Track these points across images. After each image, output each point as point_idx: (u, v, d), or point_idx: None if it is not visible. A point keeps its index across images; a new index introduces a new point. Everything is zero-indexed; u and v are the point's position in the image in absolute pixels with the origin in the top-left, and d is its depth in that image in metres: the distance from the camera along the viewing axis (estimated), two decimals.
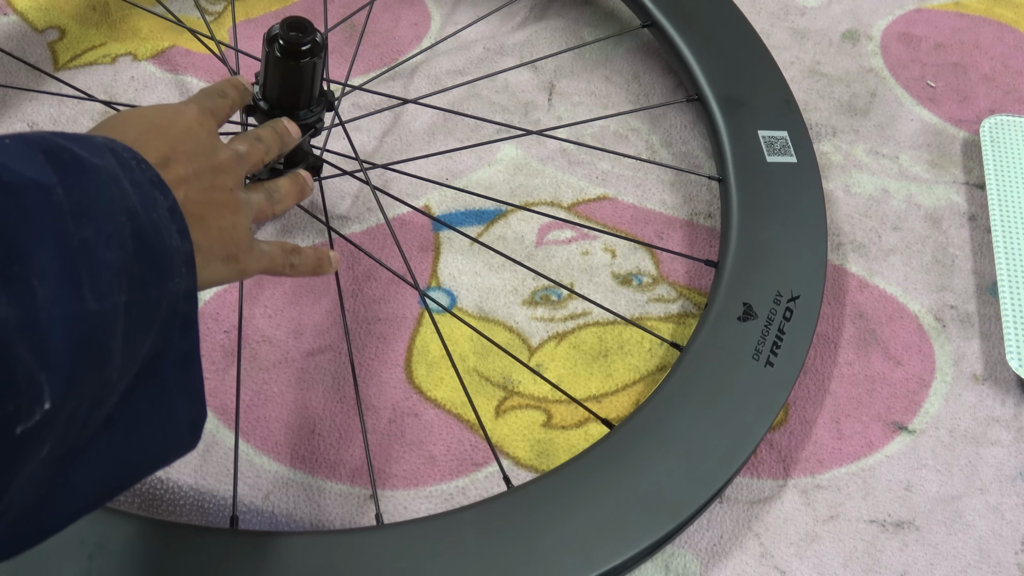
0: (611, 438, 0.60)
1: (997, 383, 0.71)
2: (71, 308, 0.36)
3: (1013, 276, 0.74)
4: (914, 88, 0.89)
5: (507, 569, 0.54)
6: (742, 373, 0.64)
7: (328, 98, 0.64)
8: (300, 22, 0.60)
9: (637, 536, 0.57)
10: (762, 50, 0.83)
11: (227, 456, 0.62)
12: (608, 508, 0.57)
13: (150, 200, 0.42)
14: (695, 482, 0.59)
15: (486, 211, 0.76)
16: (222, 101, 0.55)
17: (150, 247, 0.40)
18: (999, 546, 0.63)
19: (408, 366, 0.67)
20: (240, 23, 0.86)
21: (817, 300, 0.68)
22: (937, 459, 0.67)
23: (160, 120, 0.48)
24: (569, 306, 0.71)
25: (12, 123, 0.76)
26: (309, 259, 0.56)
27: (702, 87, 0.79)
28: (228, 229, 0.48)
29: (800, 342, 0.66)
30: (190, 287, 0.43)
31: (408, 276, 0.70)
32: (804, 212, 0.73)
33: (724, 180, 0.74)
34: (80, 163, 0.39)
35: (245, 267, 0.50)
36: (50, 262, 0.35)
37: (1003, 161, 0.81)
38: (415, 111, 0.81)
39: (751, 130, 0.77)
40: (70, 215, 0.37)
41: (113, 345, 0.38)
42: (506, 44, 0.87)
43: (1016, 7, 0.97)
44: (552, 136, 0.80)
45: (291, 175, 0.58)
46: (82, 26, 0.83)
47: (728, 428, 0.61)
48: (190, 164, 0.47)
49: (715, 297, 0.67)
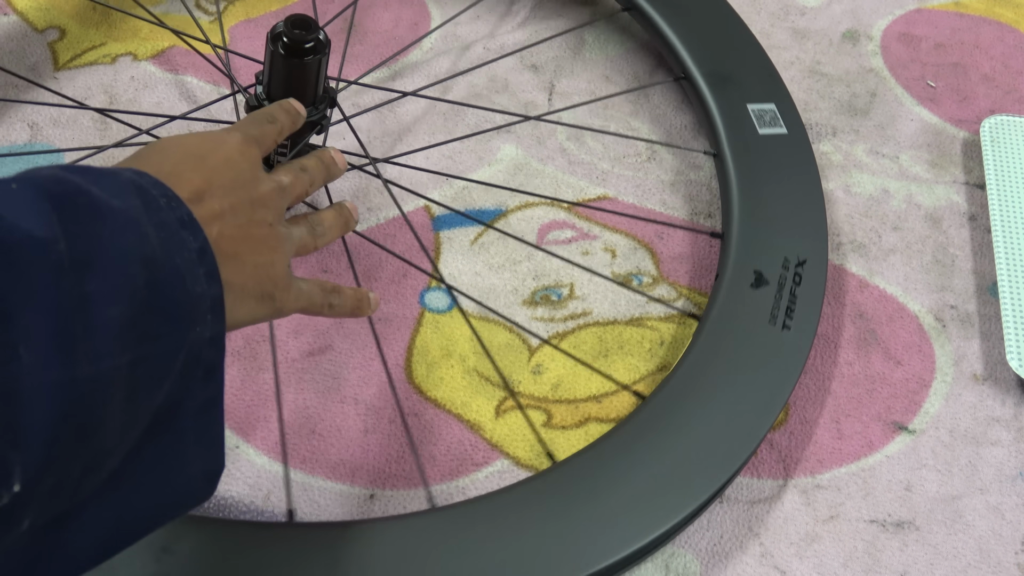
0: (645, 409, 0.62)
1: (997, 383, 0.71)
2: (58, 376, 0.33)
3: (1013, 276, 0.74)
4: (914, 88, 0.89)
5: (565, 541, 0.55)
6: (762, 337, 0.66)
7: (331, 94, 0.64)
8: (304, 20, 0.59)
9: (686, 499, 0.58)
10: (741, 26, 0.85)
11: (227, 456, 0.62)
12: (655, 475, 0.59)
13: (176, 243, 0.39)
14: (731, 443, 0.61)
15: (486, 211, 0.76)
16: (270, 128, 0.52)
17: (168, 296, 0.38)
18: (999, 546, 0.63)
19: (408, 366, 0.67)
20: (240, 23, 0.86)
21: (823, 263, 0.70)
22: (937, 459, 0.67)
23: (198, 150, 0.46)
24: (569, 306, 0.72)
25: (12, 123, 0.76)
26: (348, 300, 0.54)
27: (688, 66, 0.80)
28: (265, 266, 0.46)
29: (812, 304, 0.68)
30: (216, 333, 0.41)
31: (430, 271, 0.70)
32: (800, 180, 0.75)
33: (719, 154, 0.76)
34: (94, 208, 0.37)
35: (282, 306, 0.48)
36: (40, 325, 0.33)
37: (1003, 161, 0.81)
38: (415, 113, 0.81)
39: (740, 104, 0.78)
40: (72, 270, 0.35)
41: (108, 410, 0.36)
42: (506, 44, 0.87)
43: (1016, 7, 0.97)
44: (550, 121, 0.80)
45: (336, 207, 0.56)
46: (82, 26, 0.83)
47: (755, 391, 0.63)
48: (227, 198, 0.45)
49: (725, 267, 0.69)
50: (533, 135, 0.81)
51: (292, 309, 0.49)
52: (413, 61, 0.85)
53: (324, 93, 0.63)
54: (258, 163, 0.49)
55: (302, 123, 0.56)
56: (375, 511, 0.61)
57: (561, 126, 0.82)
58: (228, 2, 0.88)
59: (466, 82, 0.84)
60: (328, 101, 0.64)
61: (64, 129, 0.77)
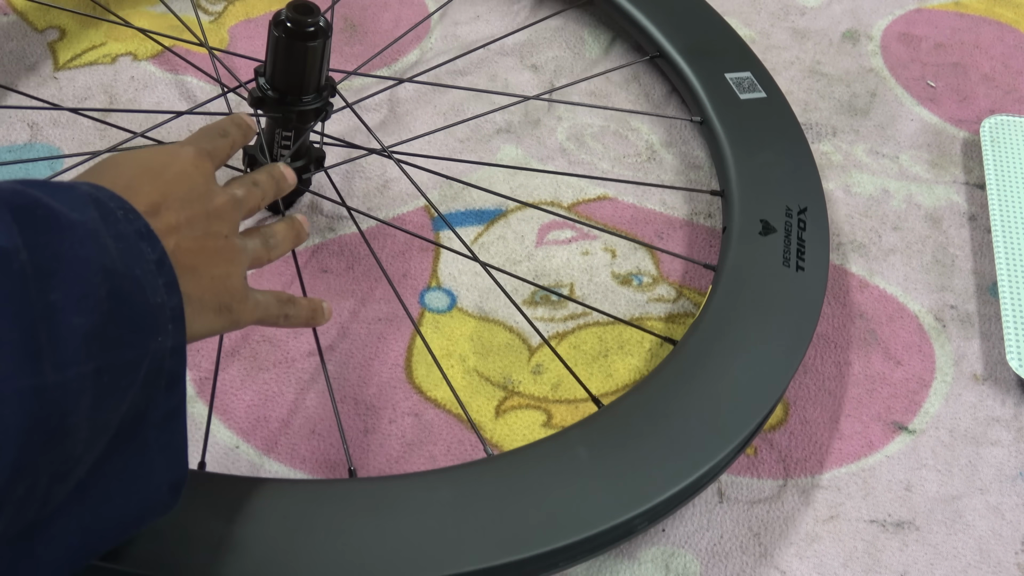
0: (679, 353, 0.63)
1: (997, 383, 0.71)
2: (26, 383, 0.34)
3: (1013, 276, 0.74)
4: (914, 88, 0.89)
5: (622, 478, 0.57)
6: (779, 280, 0.68)
7: (331, 83, 0.65)
8: (306, 5, 0.60)
9: (732, 431, 0.60)
10: (704, 4, 0.88)
11: (227, 456, 0.62)
12: (699, 412, 0.60)
13: (134, 254, 0.40)
14: (767, 379, 0.63)
15: (486, 211, 0.76)
16: (222, 141, 0.53)
17: (129, 306, 0.39)
18: (999, 546, 0.63)
19: (408, 366, 0.67)
20: (240, 23, 0.86)
21: (823, 209, 0.73)
22: (937, 459, 0.67)
23: (153, 164, 0.46)
24: (569, 306, 0.71)
25: (12, 123, 0.76)
26: (303, 310, 0.55)
27: (662, 44, 0.84)
28: (222, 278, 0.46)
29: (820, 246, 0.71)
30: (177, 343, 0.41)
31: (463, 251, 0.70)
32: (786, 138, 0.78)
33: (706, 121, 0.79)
34: (54, 219, 0.37)
35: (238, 318, 0.48)
36: (6, 334, 0.33)
37: (1003, 161, 0.81)
38: (414, 112, 0.81)
39: (718, 74, 0.82)
40: (34, 279, 0.35)
41: (76, 417, 0.36)
42: (506, 44, 0.87)
43: (1016, 7, 0.97)
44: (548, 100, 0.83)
45: (287, 220, 0.56)
46: (82, 26, 0.83)
47: (782, 330, 0.66)
48: (183, 211, 0.45)
49: (732, 220, 0.71)
50: (533, 135, 0.81)
51: (249, 320, 0.49)
52: (413, 61, 0.85)
53: (328, 81, 0.64)
54: (212, 176, 0.49)
55: (253, 137, 0.57)
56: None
57: (561, 125, 0.81)
58: (228, 2, 0.88)
59: (466, 82, 0.84)
60: (330, 89, 0.64)
61: (64, 129, 0.77)
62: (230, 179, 0.54)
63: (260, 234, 0.53)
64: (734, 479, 0.64)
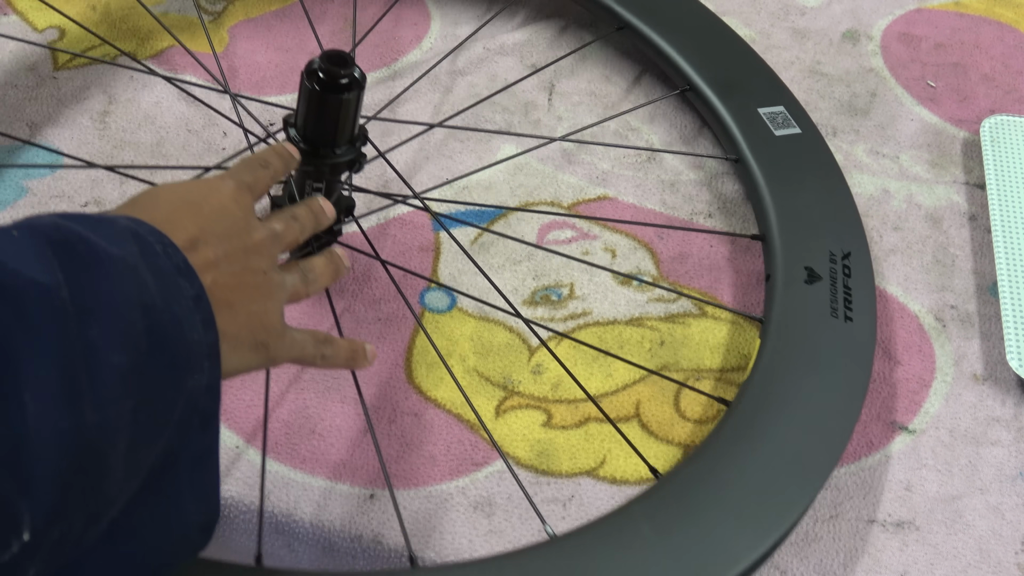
0: (732, 416, 0.62)
1: (997, 383, 0.71)
2: (66, 424, 0.33)
3: (1013, 276, 0.74)
4: (914, 88, 0.89)
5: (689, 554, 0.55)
6: (828, 331, 0.67)
7: (363, 132, 0.62)
8: (340, 55, 0.57)
9: (796, 497, 0.59)
10: (733, 35, 0.86)
11: (227, 456, 0.62)
12: (759, 481, 0.59)
13: (173, 290, 0.39)
14: (822, 442, 0.61)
15: (486, 211, 0.76)
16: (262, 173, 0.52)
17: (167, 343, 0.38)
18: (999, 546, 0.63)
19: (408, 366, 0.67)
20: (240, 23, 0.86)
21: (866, 253, 0.72)
22: (937, 459, 0.67)
23: (192, 197, 0.46)
24: (569, 306, 0.71)
25: (12, 123, 0.76)
26: (342, 351, 0.53)
27: (691, 77, 0.81)
28: (259, 315, 0.45)
29: (867, 293, 0.69)
30: (212, 381, 0.40)
31: (429, 275, 0.70)
32: (825, 177, 0.76)
33: (741, 159, 0.77)
34: (94, 255, 0.37)
35: (275, 355, 0.47)
36: (46, 373, 0.33)
37: (1003, 161, 0.81)
38: (413, 110, 0.81)
39: (751, 109, 0.79)
40: (75, 317, 0.34)
41: (113, 458, 0.35)
42: (506, 44, 0.87)
43: (1016, 7, 0.97)
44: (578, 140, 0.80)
45: (326, 253, 0.55)
46: None
47: (837, 383, 0.64)
48: (221, 246, 0.44)
49: (775, 267, 0.70)
50: (533, 135, 0.81)
51: (284, 358, 0.49)
52: (412, 61, 0.85)
53: (361, 131, 0.62)
54: (251, 210, 0.49)
55: (294, 166, 0.56)
56: (375, 511, 0.61)
57: (561, 125, 0.81)
58: (228, 2, 0.88)
59: (466, 83, 0.84)
60: (362, 139, 0.62)
61: (63, 129, 0.77)
62: (269, 213, 0.53)
63: (298, 268, 0.52)
64: None
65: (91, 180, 0.74)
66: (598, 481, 0.63)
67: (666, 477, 0.59)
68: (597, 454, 0.65)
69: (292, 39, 0.85)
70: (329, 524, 0.60)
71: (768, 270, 0.71)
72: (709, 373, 0.69)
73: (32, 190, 0.73)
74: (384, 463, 0.60)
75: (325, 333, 0.53)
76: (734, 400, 0.63)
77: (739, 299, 0.73)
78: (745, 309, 0.72)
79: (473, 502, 0.62)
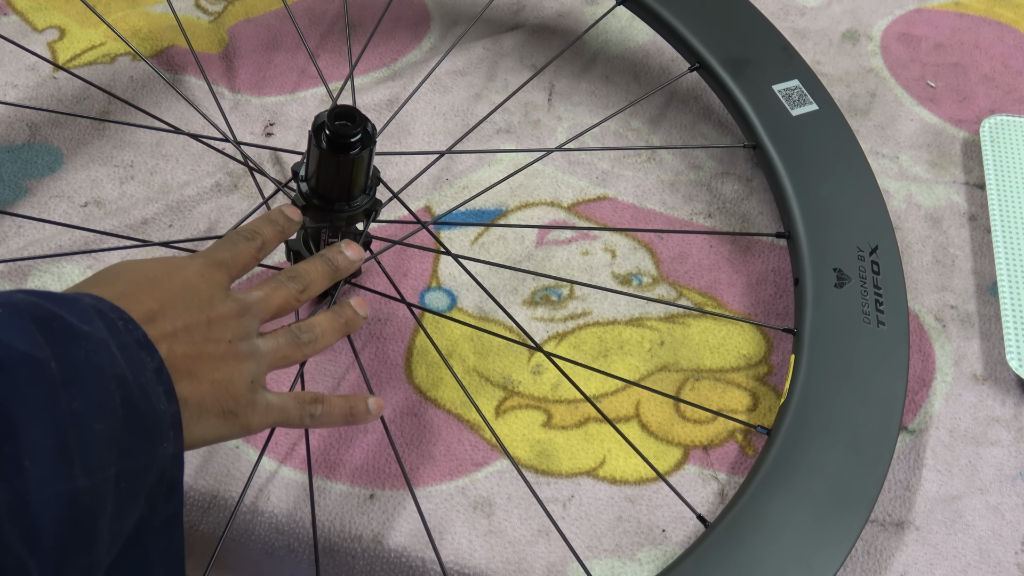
0: (775, 441, 0.60)
1: (997, 383, 0.71)
2: (62, 488, 0.35)
3: (1013, 276, 0.74)
4: (914, 88, 0.89)
5: None
6: (862, 339, 0.64)
7: (376, 174, 0.60)
8: (348, 110, 0.55)
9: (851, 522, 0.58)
10: (744, 3, 0.81)
11: (228, 456, 0.62)
12: (809, 509, 0.58)
13: (137, 363, 0.41)
14: (870, 451, 0.60)
15: (486, 211, 0.76)
16: (245, 246, 0.52)
17: (139, 413, 0.39)
18: (999, 546, 0.63)
19: (408, 366, 0.67)
20: (240, 23, 0.86)
21: (894, 245, 0.68)
22: (937, 459, 0.67)
23: (155, 273, 0.47)
24: (569, 306, 0.71)
25: (12, 123, 0.76)
26: (335, 409, 0.53)
27: (702, 54, 0.76)
28: (223, 383, 0.46)
29: (898, 293, 0.66)
30: (176, 450, 0.42)
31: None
32: (847, 160, 0.72)
33: (759, 145, 0.72)
34: (70, 331, 0.38)
35: (247, 423, 0.47)
36: (42, 440, 0.35)
37: (1003, 161, 0.81)
38: (413, 111, 0.81)
39: (765, 87, 0.75)
40: (62, 388, 0.36)
41: (103, 522, 0.37)
42: (506, 44, 0.87)
43: (1016, 7, 0.97)
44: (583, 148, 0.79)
45: (334, 309, 0.54)
46: (82, 26, 0.83)
47: (875, 402, 0.62)
48: (180, 318, 0.45)
49: (803, 270, 0.66)
50: (533, 135, 0.81)
51: (262, 425, 0.49)
52: (412, 61, 0.85)
53: (375, 177, 0.59)
54: (220, 285, 0.49)
55: (295, 229, 0.55)
56: (375, 511, 0.61)
57: (561, 125, 0.81)
58: (228, 2, 0.88)
59: (465, 83, 0.84)
60: (378, 182, 0.60)
61: (63, 129, 0.77)
62: (262, 281, 0.52)
63: (287, 332, 0.51)
64: (735, 479, 0.64)
65: (91, 180, 0.74)
66: (598, 481, 0.63)
67: (713, 524, 0.58)
68: (597, 454, 0.65)
69: (292, 39, 0.85)
70: (329, 524, 0.60)
71: (796, 273, 0.67)
72: (709, 373, 0.69)
73: (32, 190, 0.73)
74: (402, 461, 0.60)
75: (314, 393, 0.52)
76: (772, 427, 0.61)
77: (739, 299, 0.73)
78: (746, 310, 0.72)
79: (473, 502, 0.62)
